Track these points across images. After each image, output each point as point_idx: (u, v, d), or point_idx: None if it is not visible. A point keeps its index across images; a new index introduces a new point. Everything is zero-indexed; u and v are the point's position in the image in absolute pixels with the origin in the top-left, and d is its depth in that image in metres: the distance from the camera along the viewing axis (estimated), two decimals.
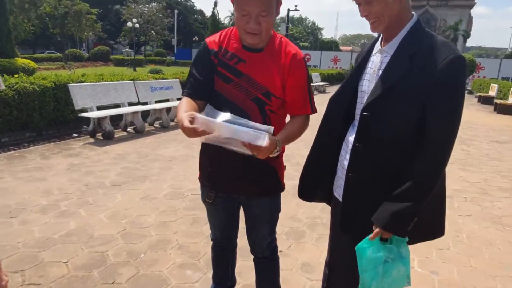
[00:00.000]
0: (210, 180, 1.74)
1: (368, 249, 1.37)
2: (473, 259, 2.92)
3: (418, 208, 1.32)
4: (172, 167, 4.91)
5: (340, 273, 1.68)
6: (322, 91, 17.87)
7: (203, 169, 1.78)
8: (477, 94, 18.53)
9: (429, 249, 3.01)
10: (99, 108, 6.42)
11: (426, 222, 1.47)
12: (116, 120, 6.86)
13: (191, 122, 1.31)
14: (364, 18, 1.39)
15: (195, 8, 75.96)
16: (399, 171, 1.35)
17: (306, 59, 1.67)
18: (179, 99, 8.38)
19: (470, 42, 60.44)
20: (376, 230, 1.36)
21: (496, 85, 16.09)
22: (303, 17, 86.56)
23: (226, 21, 54.90)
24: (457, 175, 5.20)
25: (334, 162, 1.61)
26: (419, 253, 2.92)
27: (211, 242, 2.01)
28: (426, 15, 56.89)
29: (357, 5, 1.39)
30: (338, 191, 1.58)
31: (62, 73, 7.78)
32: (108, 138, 6.18)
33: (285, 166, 1.78)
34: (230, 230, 1.92)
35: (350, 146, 1.48)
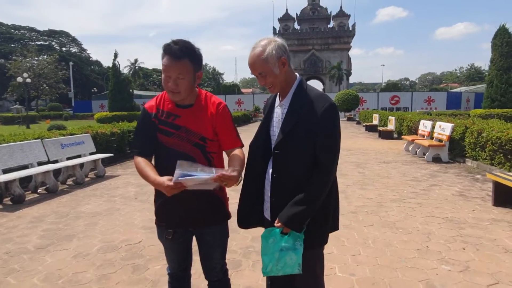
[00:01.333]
0: (168, 219, 2.03)
1: (270, 238, 1.85)
2: (379, 258, 3.57)
3: (310, 211, 1.80)
4: (98, 222, 4.85)
5: (280, 284, 2.07)
6: None
7: (160, 211, 2.06)
8: (364, 124, 21.26)
9: (345, 256, 3.59)
10: (5, 171, 6.00)
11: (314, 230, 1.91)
12: (24, 182, 6.45)
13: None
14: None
15: (91, 59, 73.26)
16: None
17: None
18: (92, 153, 8.19)
19: (352, 79, 68.94)
20: (278, 224, 1.83)
21: (377, 115, 18.74)
22: (204, 63, 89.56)
23: (125, 71, 53.97)
24: (357, 194, 6.08)
25: (261, 191, 2.05)
26: (338, 261, 3.48)
27: (161, 281, 2.26)
28: (313, 57, 63.73)
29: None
30: (267, 213, 2.02)
31: None
32: (19, 202, 5.79)
33: (228, 197, 2.17)
34: (187, 260, 2.20)
35: (269, 177, 1.95)
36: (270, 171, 1.94)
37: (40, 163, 6.74)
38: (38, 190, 6.60)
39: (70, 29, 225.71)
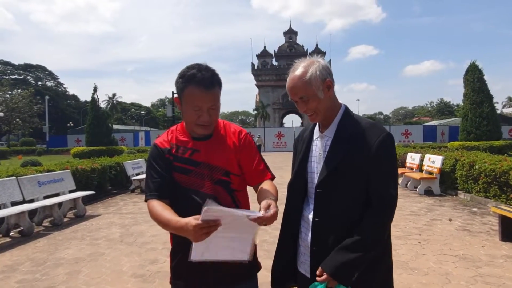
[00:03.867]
0: (188, 278, 1.66)
1: None
2: None
3: (362, 261, 1.47)
4: (81, 270, 4.32)
5: None
6: None
7: (178, 268, 1.69)
8: None
9: None
10: None
11: None
12: None
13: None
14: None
15: (67, 93, 72.28)
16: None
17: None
18: (71, 191, 7.63)
19: None
20: (323, 277, 1.47)
21: None
22: None
23: (103, 105, 53.31)
24: None
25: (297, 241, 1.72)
26: None
27: None
28: None
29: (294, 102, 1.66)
30: (303, 267, 1.67)
31: None
32: None
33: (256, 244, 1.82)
34: None
35: (309, 221, 1.62)
36: (310, 215, 1.63)
37: (13, 203, 6.15)
38: (11, 234, 5.97)
39: (47, 64, 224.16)
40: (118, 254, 4.89)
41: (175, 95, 1.68)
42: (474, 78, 21.67)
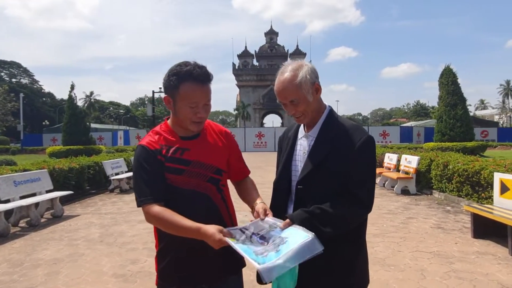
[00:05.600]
0: (180, 279, 1.68)
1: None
2: None
3: (321, 231, 1.46)
4: (60, 271, 4.25)
5: None
6: None
7: (169, 269, 1.69)
8: None
9: None
10: None
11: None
12: None
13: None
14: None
15: (43, 91, 70.27)
16: None
17: None
18: (48, 191, 7.46)
19: None
20: (287, 221, 1.49)
21: None
22: (162, 97, 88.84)
23: (80, 103, 52.12)
24: None
25: None
26: None
27: None
28: (272, 93, 65.37)
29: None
30: None
31: None
32: None
33: None
34: None
35: None
36: (290, 210, 1.70)
37: None
38: None
39: (22, 60, 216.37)
40: (98, 254, 4.84)
41: (165, 95, 1.66)
42: (449, 81, 22.39)
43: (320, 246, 1.35)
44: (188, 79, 1.57)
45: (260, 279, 1.79)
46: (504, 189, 5.34)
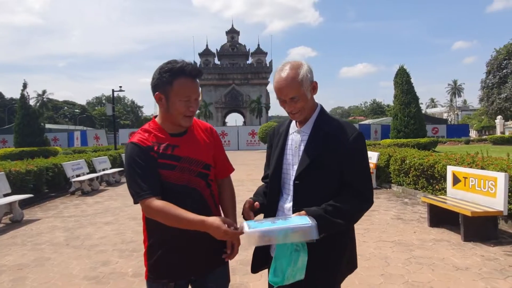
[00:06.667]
0: (169, 272, 1.74)
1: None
2: (349, 287, 3.57)
3: (335, 225, 1.60)
4: (27, 276, 4.11)
5: None
6: None
7: (159, 264, 1.75)
8: None
9: None
10: None
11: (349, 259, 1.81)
12: None
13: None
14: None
15: None
16: None
17: None
18: (6, 194, 7.10)
19: (271, 112, 72.02)
20: (302, 212, 1.60)
21: None
22: (121, 96, 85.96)
23: (32, 102, 49.36)
24: None
25: None
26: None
27: None
28: (234, 92, 65.31)
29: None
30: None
31: None
32: None
33: None
34: None
35: (284, 210, 1.77)
36: (286, 205, 1.77)
37: None
38: None
39: None
40: (66, 258, 4.71)
41: (156, 92, 1.71)
42: (403, 81, 23.53)
43: (315, 235, 1.47)
44: (181, 74, 1.65)
45: (252, 268, 1.90)
46: (456, 180, 5.80)
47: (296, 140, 1.80)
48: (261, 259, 1.86)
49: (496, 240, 4.91)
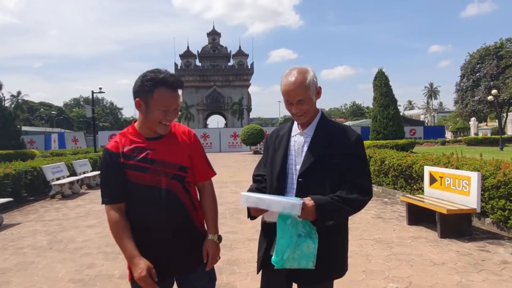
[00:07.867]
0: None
1: (288, 219, 1.68)
2: None
3: (341, 212, 1.76)
4: (10, 280, 4.06)
5: None
6: None
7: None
8: None
9: None
10: None
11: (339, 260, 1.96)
12: None
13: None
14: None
15: None
16: None
17: None
18: None
19: (252, 114, 72.23)
20: (311, 203, 1.68)
21: None
22: (100, 97, 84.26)
23: (6, 104, 47.87)
24: None
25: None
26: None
27: None
28: (215, 93, 65.22)
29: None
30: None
31: None
32: None
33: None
34: None
35: None
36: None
37: None
38: None
39: None
40: (50, 261, 4.67)
41: (136, 98, 1.78)
42: (382, 84, 24.06)
43: (297, 212, 1.63)
44: (162, 85, 1.73)
45: (258, 270, 2.00)
46: (432, 180, 6.05)
47: (299, 141, 1.93)
48: (264, 261, 1.93)
49: (470, 236, 5.16)
